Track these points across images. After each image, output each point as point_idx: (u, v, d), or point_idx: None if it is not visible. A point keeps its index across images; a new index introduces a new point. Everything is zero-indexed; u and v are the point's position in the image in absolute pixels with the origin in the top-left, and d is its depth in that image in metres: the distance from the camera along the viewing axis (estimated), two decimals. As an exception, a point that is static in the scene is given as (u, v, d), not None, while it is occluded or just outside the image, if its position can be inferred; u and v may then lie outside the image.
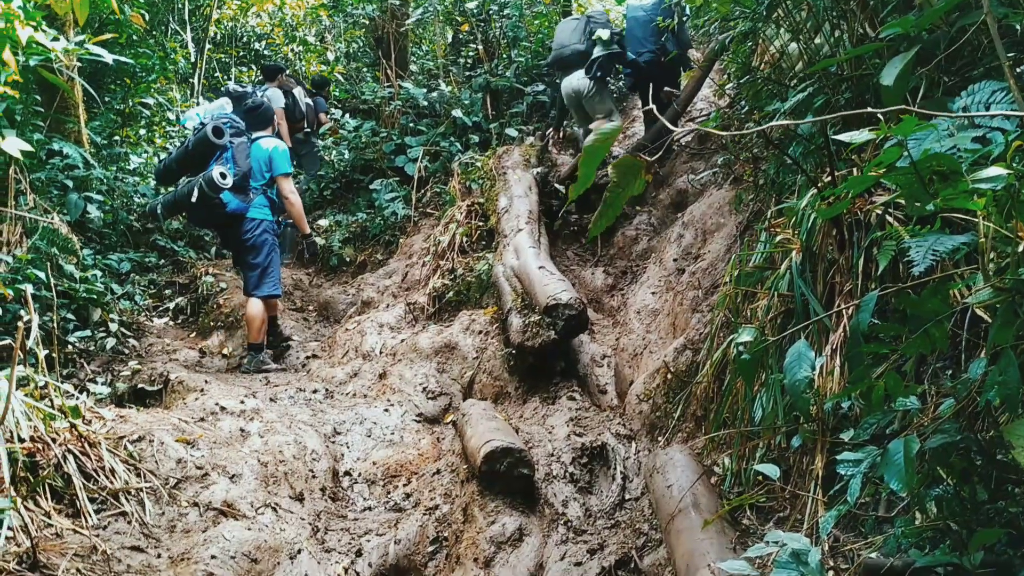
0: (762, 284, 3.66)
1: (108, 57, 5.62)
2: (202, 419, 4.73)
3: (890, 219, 3.12)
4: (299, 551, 3.82)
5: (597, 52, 7.77)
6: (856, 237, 3.30)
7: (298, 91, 10.05)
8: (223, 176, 6.45)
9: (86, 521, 3.50)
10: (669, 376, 4.19)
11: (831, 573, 2.33)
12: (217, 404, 4.89)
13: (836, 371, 3.01)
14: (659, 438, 4.11)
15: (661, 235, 6.87)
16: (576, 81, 7.87)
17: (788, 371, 2.67)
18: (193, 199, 6.54)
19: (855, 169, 3.47)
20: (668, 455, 3.42)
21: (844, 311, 3.12)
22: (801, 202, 3.53)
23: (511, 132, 9.76)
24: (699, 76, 7.91)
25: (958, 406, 2.03)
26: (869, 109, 1.94)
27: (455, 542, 3.81)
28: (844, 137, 1.96)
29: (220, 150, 6.68)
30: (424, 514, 4.11)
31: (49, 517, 3.46)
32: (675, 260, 5.55)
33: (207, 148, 6.66)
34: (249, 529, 3.77)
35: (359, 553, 3.93)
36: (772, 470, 2.47)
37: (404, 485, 4.70)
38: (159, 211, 6.94)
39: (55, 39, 5.38)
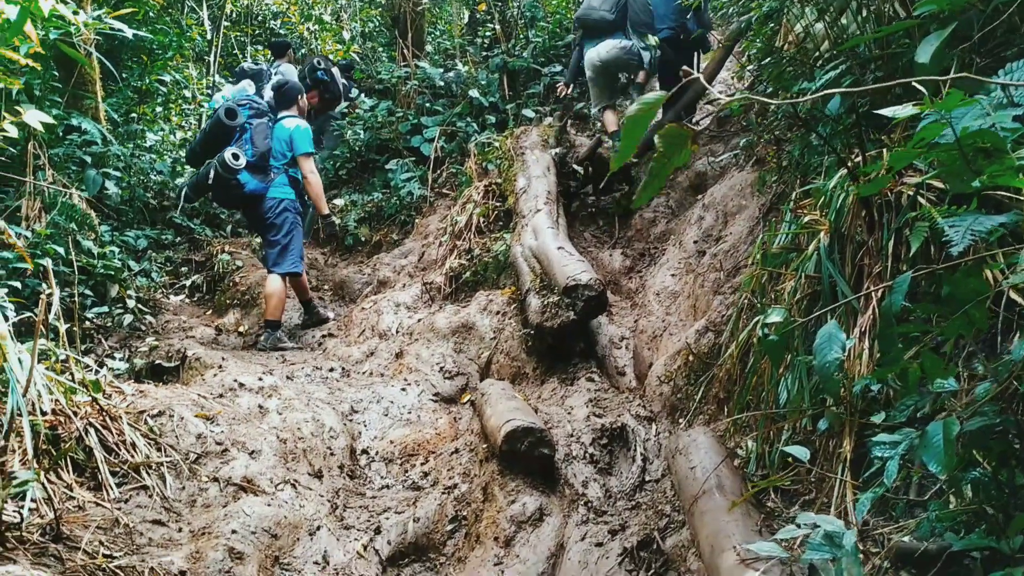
0: (788, 266, 3.61)
1: (128, 31, 5.59)
2: (221, 395, 4.73)
3: (922, 200, 3.07)
4: (318, 528, 3.83)
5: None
6: (886, 219, 3.25)
7: (335, 71, 10.05)
8: (235, 157, 6.48)
9: (108, 494, 3.51)
10: (691, 358, 4.16)
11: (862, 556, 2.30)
12: (236, 380, 4.90)
13: (864, 354, 2.98)
14: (680, 420, 4.08)
15: (680, 217, 6.82)
16: (605, 52, 7.81)
17: (818, 352, 2.63)
18: (210, 180, 6.58)
19: (884, 150, 3.42)
20: (691, 437, 3.39)
21: (873, 293, 3.08)
22: (830, 182, 3.48)
23: (528, 113, 9.68)
24: (719, 58, 7.84)
25: (997, 388, 1.99)
26: (909, 80, 1.89)
27: (474, 521, 3.81)
28: (887, 112, 1.91)
29: (238, 131, 6.70)
30: (443, 493, 4.11)
31: (71, 490, 3.47)
32: (695, 242, 5.50)
33: (223, 130, 6.70)
34: (269, 505, 3.77)
35: (378, 530, 3.93)
36: (801, 452, 2.44)
37: (422, 464, 4.69)
38: (186, 192, 7.03)
39: (75, 12, 5.36)
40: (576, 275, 5.03)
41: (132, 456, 3.75)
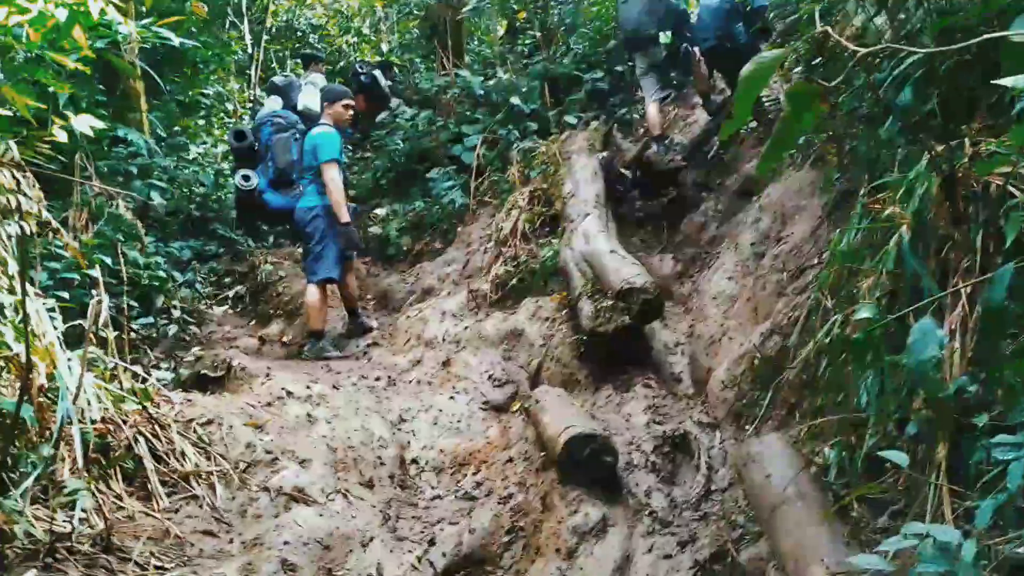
0: (864, 263, 3.42)
1: (175, 39, 5.57)
2: (269, 404, 4.64)
3: (1013, 190, 2.87)
4: (371, 539, 3.70)
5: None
6: (972, 211, 3.05)
7: (378, 72, 10.04)
8: (246, 179, 6.48)
9: (157, 504, 3.42)
10: (756, 362, 3.97)
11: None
12: (284, 389, 4.81)
13: (956, 354, 2.78)
14: (746, 427, 3.90)
15: (731, 221, 6.63)
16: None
17: (913, 350, 2.46)
18: (235, 205, 6.64)
19: (965, 140, 3.22)
20: (763, 443, 3.21)
21: (963, 289, 2.89)
22: (910, 173, 3.28)
23: (570, 119, 9.55)
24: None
25: None
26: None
27: (533, 532, 3.65)
28: (1006, 82, 1.74)
29: (263, 150, 6.72)
30: (498, 503, 3.96)
31: (121, 499, 3.39)
32: (752, 244, 5.31)
33: (239, 152, 6.72)
34: (320, 515, 3.66)
35: (432, 542, 3.79)
36: (900, 457, 2.26)
37: (474, 474, 4.56)
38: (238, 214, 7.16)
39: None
40: (631, 278, 4.87)
41: (182, 465, 3.66)
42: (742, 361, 4.16)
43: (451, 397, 5.38)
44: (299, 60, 12.89)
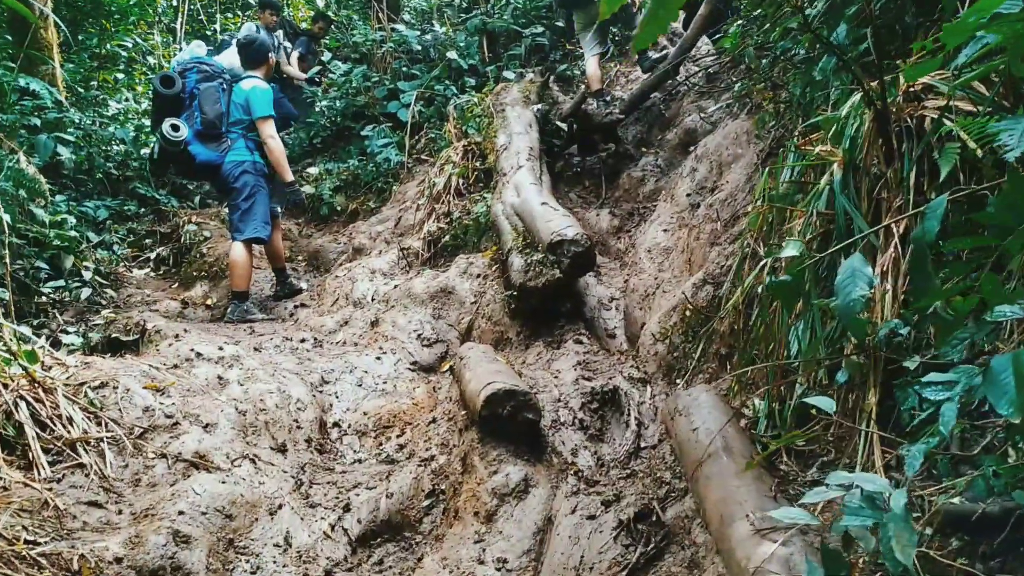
0: (795, 205, 3.25)
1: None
2: (175, 366, 4.34)
3: (948, 123, 2.70)
4: (280, 506, 3.46)
5: None
6: (906, 148, 2.89)
7: (278, 33, 9.53)
8: (175, 128, 6.06)
9: (38, 473, 3.12)
10: (688, 313, 3.79)
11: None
12: (193, 350, 4.50)
13: (887, 295, 2.62)
14: (678, 381, 3.73)
15: (671, 175, 6.47)
16: None
17: (840, 290, 2.28)
18: (155, 156, 6.19)
19: (899, 76, 3.05)
20: (692, 396, 3.04)
21: (895, 227, 2.73)
22: (842, 110, 3.11)
23: (509, 75, 9.24)
24: (703, 17, 7.51)
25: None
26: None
27: (453, 495, 3.45)
28: None
29: (187, 98, 6.27)
30: (419, 465, 3.74)
31: (-4, 469, 3.09)
32: (688, 195, 5.13)
33: (163, 100, 6.25)
34: (223, 482, 3.40)
35: (347, 508, 3.56)
36: (827, 403, 2.09)
37: (397, 436, 4.33)
38: (150, 167, 6.65)
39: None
40: (561, 230, 4.65)
41: (68, 432, 3.36)
42: (673, 313, 3.98)
43: (378, 358, 5.13)
44: (243, 14, 12.31)
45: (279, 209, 6.81)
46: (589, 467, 3.40)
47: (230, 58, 6.99)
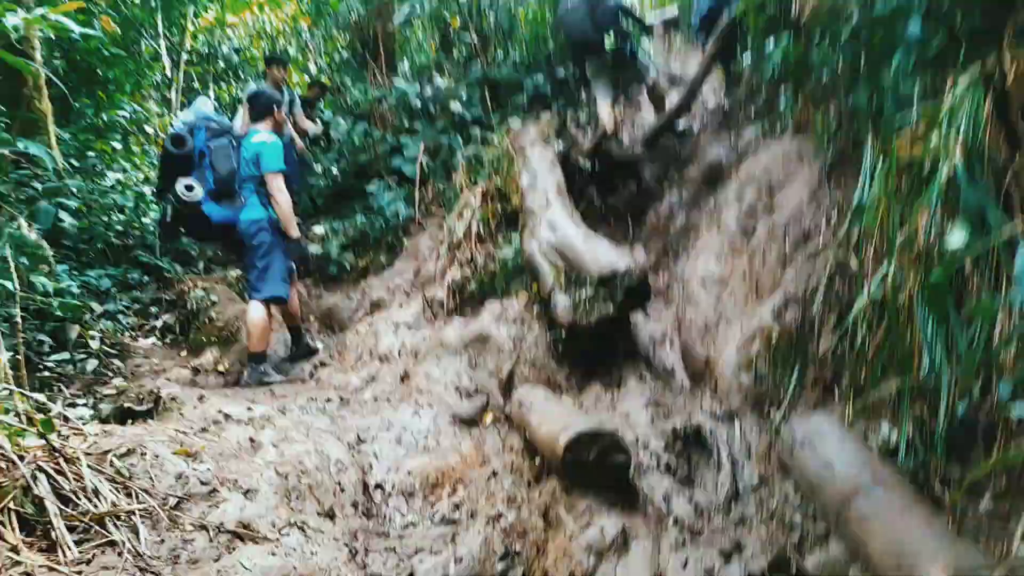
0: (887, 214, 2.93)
1: (76, 28, 4.86)
2: (204, 429, 3.94)
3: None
4: (337, 578, 3.04)
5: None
6: (1030, 132, 2.60)
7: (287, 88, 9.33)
8: (189, 189, 5.79)
9: (64, 555, 2.70)
10: (773, 339, 3.44)
11: None
12: (220, 412, 4.11)
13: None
14: (770, 414, 3.36)
15: (701, 209, 6.20)
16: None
17: (1020, 279, 1.96)
18: (168, 219, 5.89)
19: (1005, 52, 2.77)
20: (811, 425, 2.67)
21: (1041, 217, 2.42)
22: (945, 97, 2.82)
23: (514, 123, 9.04)
24: (708, 58, 7.44)
25: None
26: None
27: (536, 555, 3.03)
28: None
29: (197, 156, 6.00)
30: (486, 525, 3.34)
31: (17, 552, 2.66)
32: (738, 220, 4.83)
33: (174, 159, 5.97)
34: (273, 554, 2.98)
35: (412, 577, 3.15)
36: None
37: (450, 495, 3.92)
38: (160, 234, 6.35)
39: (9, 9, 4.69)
40: (613, 263, 4.33)
41: (95, 506, 2.94)
42: (754, 341, 3.63)
43: (415, 412, 4.75)
44: (236, 83, 12.13)
45: (295, 267, 6.50)
46: (688, 515, 3.01)
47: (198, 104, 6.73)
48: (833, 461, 2.42)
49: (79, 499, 2.93)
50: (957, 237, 2.09)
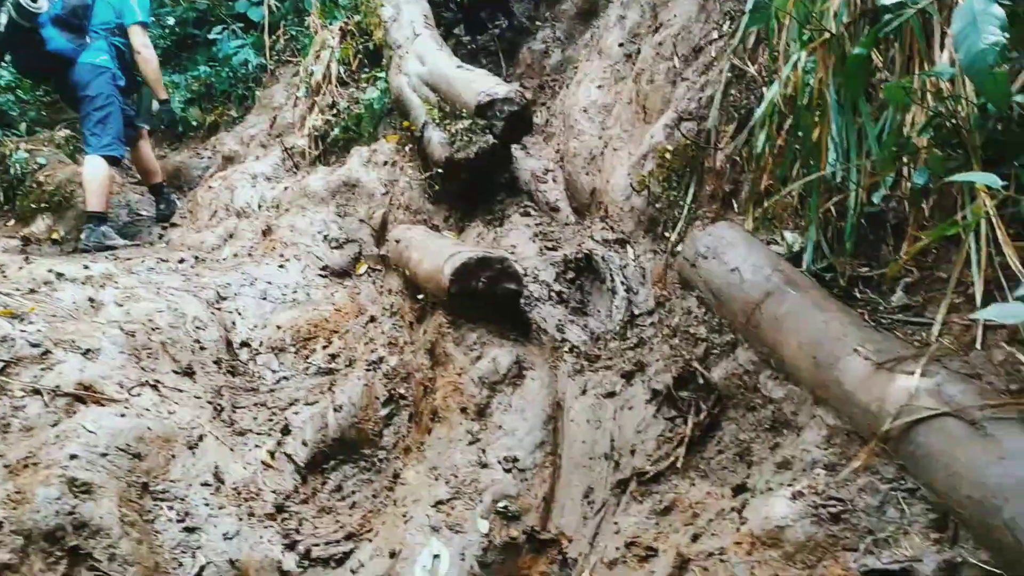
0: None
1: None
2: (32, 291, 3.42)
3: None
4: (201, 437, 2.71)
5: None
6: None
7: None
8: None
9: None
10: (667, 157, 3.22)
11: None
12: (52, 271, 3.59)
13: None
14: (666, 234, 3.17)
15: (577, 43, 5.88)
16: None
17: (961, 42, 1.75)
18: (1, 27, 5.06)
19: None
20: (715, 235, 2.49)
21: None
22: None
23: (370, -41, 8.28)
24: None
25: None
26: None
27: (424, 394, 2.79)
28: None
29: None
30: (367, 371, 3.06)
31: None
32: (621, 45, 4.52)
33: None
34: (123, 415, 2.61)
35: (286, 431, 2.86)
36: (991, 179, 1.57)
37: (325, 347, 3.62)
38: None
39: None
40: (490, 90, 3.98)
41: None
42: (646, 161, 3.40)
43: (280, 266, 4.35)
44: None
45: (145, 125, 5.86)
46: (584, 342, 2.83)
47: None
48: (741, 267, 2.25)
49: None
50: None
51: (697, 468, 2.07)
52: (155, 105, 6.78)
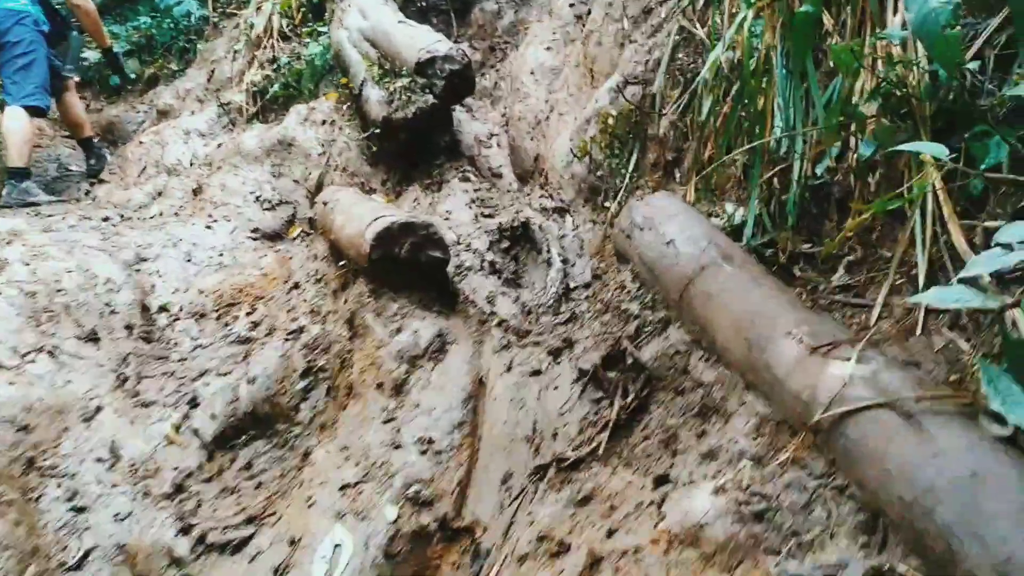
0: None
1: None
2: (-74, 247, 3.18)
3: None
4: (98, 409, 2.52)
5: None
6: None
7: None
8: None
9: None
10: (610, 122, 3.06)
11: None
12: (-50, 226, 3.33)
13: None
14: (607, 204, 3.02)
15: (529, 4, 5.67)
16: None
17: (911, 3, 1.61)
18: None
19: None
20: (653, 205, 2.34)
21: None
22: None
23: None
24: None
25: None
26: None
27: (340, 369, 2.62)
28: None
29: None
30: (285, 340, 2.88)
31: None
32: (572, 5, 4.34)
33: None
34: (12, 384, 2.41)
35: (194, 403, 2.67)
36: (939, 149, 1.44)
37: (248, 314, 3.41)
38: None
39: None
40: (431, 46, 3.77)
41: None
42: (589, 126, 3.23)
43: (208, 227, 4.12)
44: None
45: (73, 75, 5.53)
46: (514, 316, 2.67)
47: None
48: (676, 239, 2.11)
49: None
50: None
51: (620, 455, 1.94)
52: (95, 55, 6.46)
